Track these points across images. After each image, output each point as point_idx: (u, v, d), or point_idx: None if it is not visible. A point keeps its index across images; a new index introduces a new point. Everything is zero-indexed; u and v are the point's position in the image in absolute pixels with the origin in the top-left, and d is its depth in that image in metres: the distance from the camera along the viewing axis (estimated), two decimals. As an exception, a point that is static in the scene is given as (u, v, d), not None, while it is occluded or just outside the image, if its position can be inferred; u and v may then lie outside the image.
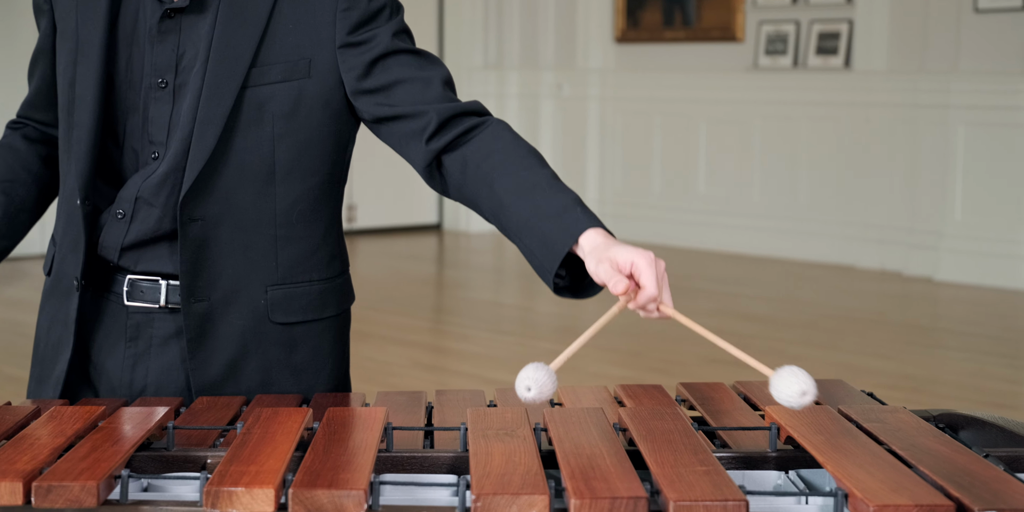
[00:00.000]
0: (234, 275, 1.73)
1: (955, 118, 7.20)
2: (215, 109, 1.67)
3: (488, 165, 1.63)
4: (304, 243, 1.77)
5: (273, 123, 1.70)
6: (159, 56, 1.71)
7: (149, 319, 1.77)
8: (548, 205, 1.55)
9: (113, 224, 1.74)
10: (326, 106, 1.73)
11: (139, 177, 1.73)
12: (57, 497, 1.24)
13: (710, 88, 8.43)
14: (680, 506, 1.21)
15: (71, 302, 1.76)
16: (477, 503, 1.22)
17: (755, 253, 8.22)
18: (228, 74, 1.67)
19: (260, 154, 1.71)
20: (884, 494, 1.21)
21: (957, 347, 5.84)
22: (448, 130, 1.68)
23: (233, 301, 1.73)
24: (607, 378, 5.19)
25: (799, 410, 1.46)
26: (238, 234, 1.72)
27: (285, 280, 1.76)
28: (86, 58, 1.71)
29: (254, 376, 1.76)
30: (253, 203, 1.72)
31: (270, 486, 1.24)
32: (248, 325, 1.74)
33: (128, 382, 1.77)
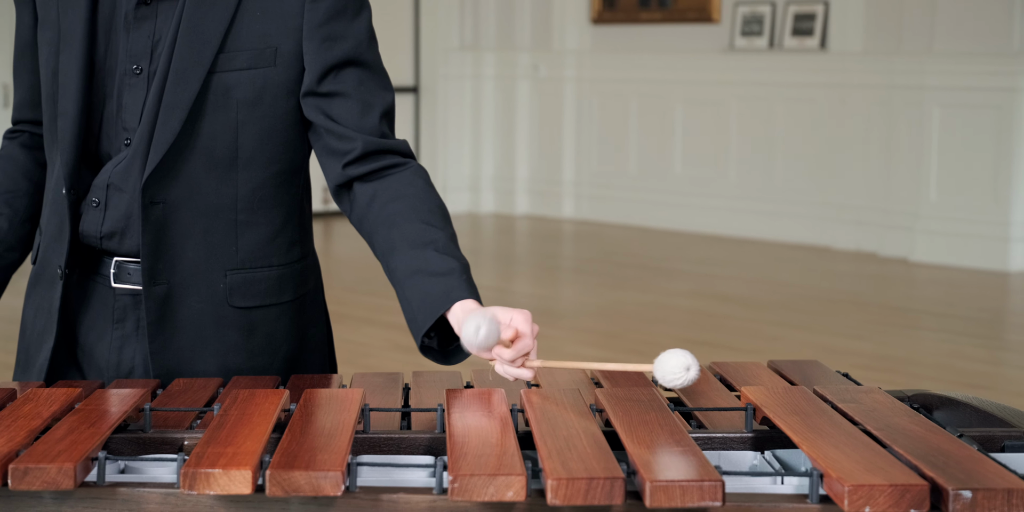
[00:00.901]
0: (194, 259, 1.73)
1: (930, 99, 7.22)
2: (181, 93, 1.68)
3: (394, 207, 1.69)
4: (264, 229, 1.77)
5: (237, 110, 1.71)
6: (135, 43, 1.71)
7: (136, 301, 1.77)
8: (437, 265, 1.63)
9: (90, 212, 1.75)
10: (290, 95, 1.73)
11: (111, 164, 1.74)
12: (34, 479, 1.23)
13: (686, 69, 8.43)
14: (656, 486, 1.22)
15: (55, 290, 1.77)
16: (454, 484, 1.23)
17: (732, 234, 8.25)
18: (195, 59, 1.68)
19: (223, 140, 1.71)
20: (859, 474, 1.22)
21: (933, 328, 5.88)
22: (368, 162, 1.73)
23: (192, 284, 1.74)
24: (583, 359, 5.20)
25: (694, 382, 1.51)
26: (199, 218, 1.73)
27: (244, 265, 1.76)
28: (69, 46, 1.71)
29: (211, 359, 1.76)
30: (215, 188, 1.73)
31: (247, 467, 1.24)
32: (207, 309, 1.75)
33: (116, 363, 1.77)
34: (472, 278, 1.63)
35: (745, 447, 1.50)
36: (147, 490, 1.28)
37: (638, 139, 8.72)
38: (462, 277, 1.61)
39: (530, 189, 9.30)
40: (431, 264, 1.62)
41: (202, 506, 1.28)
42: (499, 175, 9.42)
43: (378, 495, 1.28)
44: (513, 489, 1.23)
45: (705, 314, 6.03)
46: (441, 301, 1.59)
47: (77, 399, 1.51)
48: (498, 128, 9.38)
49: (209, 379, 1.72)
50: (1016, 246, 7.01)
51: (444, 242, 1.65)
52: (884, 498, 1.19)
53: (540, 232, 8.74)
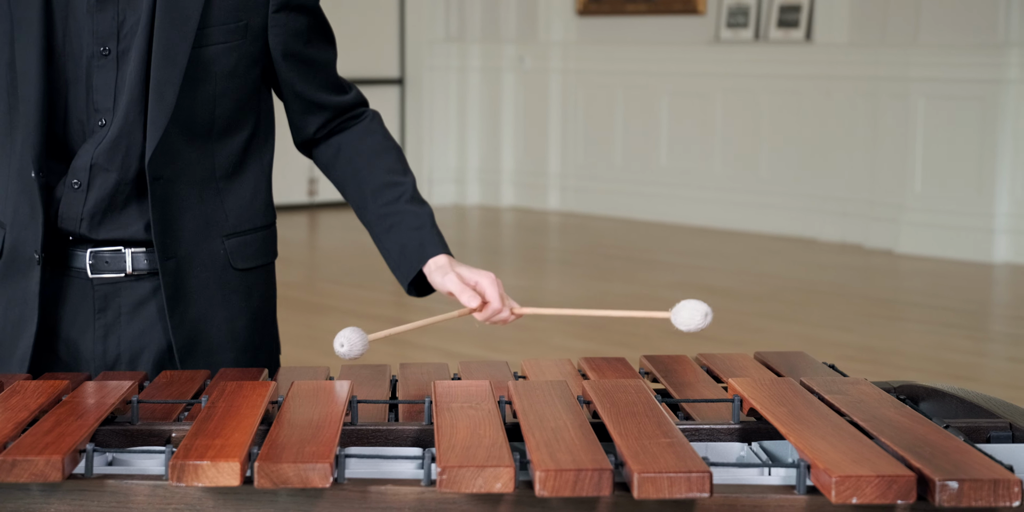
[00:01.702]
0: (195, 229, 1.79)
1: (915, 91, 7.24)
2: (170, 71, 1.72)
3: (359, 161, 1.86)
4: (243, 192, 1.84)
5: (216, 82, 1.77)
6: (100, 24, 1.73)
7: (116, 289, 1.78)
8: (410, 220, 1.82)
9: (71, 194, 1.75)
10: (257, 64, 1.81)
11: (90, 145, 1.75)
12: (22, 471, 1.23)
13: (672, 61, 8.44)
14: (644, 478, 1.22)
15: (32, 278, 1.76)
16: (443, 476, 1.23)
17: (717, 226, 8.26)
18: (179, 36, 1.72)
19: (203, 112, 1.77)
20: (846, 465, 1.23)
21: (918, 319, 5.90)
22: (334, 121, 1.88)
23: (197, 254, 1.79)
24: (569, 351, 5.21)
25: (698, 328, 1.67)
26: (191, 189, 1.78)
27: (236, 229, 1.84)
28: (24, 35, 1.72)
29: (222, 326, 1.82)
30: (198, 159, 1.79)
31: (235, 459, 1.24)
32: (213, 276, 1.81)
33: (101, 353, 1.78)
34: (438, 226, 1.82)
35: (732, 438, 1.51)
36: (135, 482, 1.28)
37: (624, 131, 8.72)
38: (432, 230, 1.81)
39: (516, 181, 9.30)
40: (404, 218, 1.81)
41: (190, 498, 1.28)
42: (485, 167, 9.42)
43: (366, 487, 1.28)
44: (501, 481, 1.23)
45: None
46: (418, 256, 1.79)
47: (64, 391, 1.50)
48: (483, 120, 9.38)
49: (196, 371, 1.72)
50: (1000, 237, 7.04)
51: (411, 192, 1.83)
52: (871, 489, 1.20)
53: (526, 224, 8.74)
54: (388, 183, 1.84)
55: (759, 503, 1.27)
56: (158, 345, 1.79)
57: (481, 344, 5.34)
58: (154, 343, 1.79)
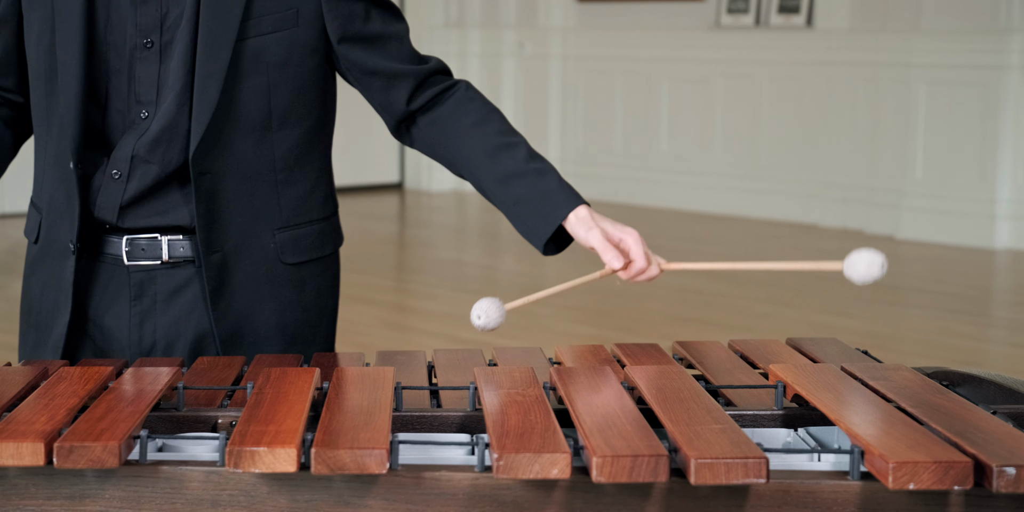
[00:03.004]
0: (243, 223, 1.77)
1: (917, 77, 7.24)
2: (214, 63, 1.70)
3: (465, 130, 1.76)
4: (301, 186, 1.81)
5: (268, 73, 1.74)
6: (143, 17, 1.72)
7: (152, 276, 1.77)
8: (533, 178, 1.71)
9: (109, 185, 1.74)
10: (314, 53, 1.77)
11: (131, 137, 1.74)
12: (79, 457, 1.23)
13: (672, 47, 8.42)
14: (701, 464, 1.22)
15: (67, 265, 1.76)
16: (499, 462, 1.23)
17: (717, 212, 8.26)
18: (222, 28, 1.70)
19: (257, 104, 1.74)
20: (902, 451, 1.23)
21: (920, 305, 5.92)
22: (424, 93, 1.79)
23: (245, 248, 1.77)
24: (574, 336, 5.22)
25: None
26: (242, 183, 1.76)
27: (289, 223, 1.81)
28: (66, 24, 1.71)
29: (270, 319, 1.80)
30: (253, 152, 1.76)
31: (292, 445, 1.24)
32: (261, 270, 1.79)
33: (137, 340, 1.78)
34: (565, 179, 1.72)
35: (775, 424, 1.51)
36: (189, 468, 1.28)
37: (624, 117, 8.71)
38: (562, 183, 1.70)
39: (515, 166, 9.28)
40: (527, 177, 1.71)
41: (244, 484, 1.28)
42: (484, 152, 9.39)
43: (420, 473, 1.28)
44: (558, 467, 1.23)
45: (694, 291, 6.05)
46: (556, 212, 1.68)
47: (109, 378, 1.50)
48: (483, 105, 9.35)
49: (233, 358, 1.71)
50: (1002, 223, 7.05)
51: (527, 149, 1.74)
52: (928, 475, 1.20)
53: (525, 209, 8.72)
54: (502, 145, 1.73)
55: (813, 489, 1.27)
56: (194, 333, 1.78)
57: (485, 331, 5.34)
58: (190, 331, 1.78)
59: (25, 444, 1.23)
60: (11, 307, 5.57)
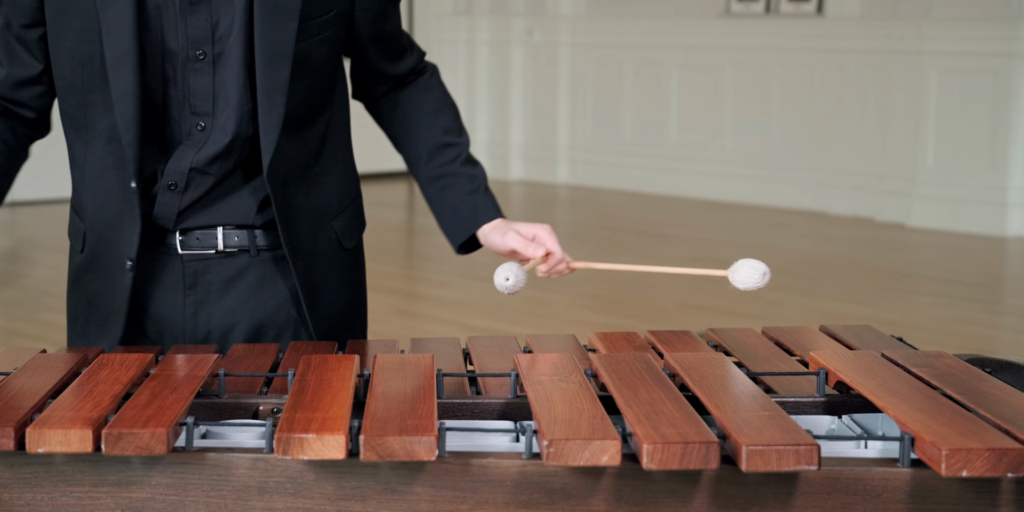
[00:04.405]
0: (310, 223, 1.78)
1: (928, 64, 7.22)
2: (276, 76, 1.68)
3: (416, 120, 1.87)
4: (338, 170, 1.84)
5: (311, 75, 1.74)
6: (194, 28, 1.68)
7: (206, 266, 1.76)
8: (464, 183, 1.84)
9: (165, 195, 1.73)
10: (342, 49, 1.80)
11: (188, 149, 1.71)
12: (127, 444, 1.23)
13: (682, 34, 8.40)
14: (752, 451, 1.21)
15: (122, 280, 1.74)
16: (549, 449, 1.22)
17: (727, 199, 8.25)
18: (280, 40, 1.68)
19: (303, 106, 1.74)
20: (954, 438, 1.22)
21: (932, 293, 5.91)
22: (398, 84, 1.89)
23: (317, 244, 1.80)
24: (587, 324, 5.21)
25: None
26: (300, 183, 1.77)
27: (339, 209, 1.84)
28: (115, 35, 1.65)
29: (347, 305, 1.86)
30: (301, 150, 1.76)
31: (340, 432, 1.23)
32: (332, 262, 1.82)
33: (192, 329, 1.77)
34: (490, 189, 1.85)
35: (818, 412, 1.50)
36: (236, 455, 1.28)
37: (633, 104, 8.69)
38: (486, 194, 1.84)
39: (524, 155, 9.28)
40: (458, 181, 1.84)
41: (291, 471, 1.27)
42: (493, 141, 9.39)
43: (468, 460, 1.28)
44: (608, 454, 1.22)
45: (704, 279, 6.03)
46: (472, 220, 1.83)
47: (150, 365, 1.49)
48: (492, 94, 9.34)
49: (268, 345, 1.71)
50: (1013, 211, 7.04)
51: (465, 154, 1.86)
52: (981, 462, 1.20)
53: (535, 198, 8.72)
54: (443, 144, 1.85)
55: (863, 476, 1.27)
56: (249, 321, 1.78)
57: (496, 317, 5.34)
58: (245, 320, 1.78)
59: (73, 431, 1.23)
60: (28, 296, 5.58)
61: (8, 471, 1.28)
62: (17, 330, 5.03)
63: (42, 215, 7.44)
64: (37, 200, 7.82)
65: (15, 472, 1.28)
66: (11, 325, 5.12)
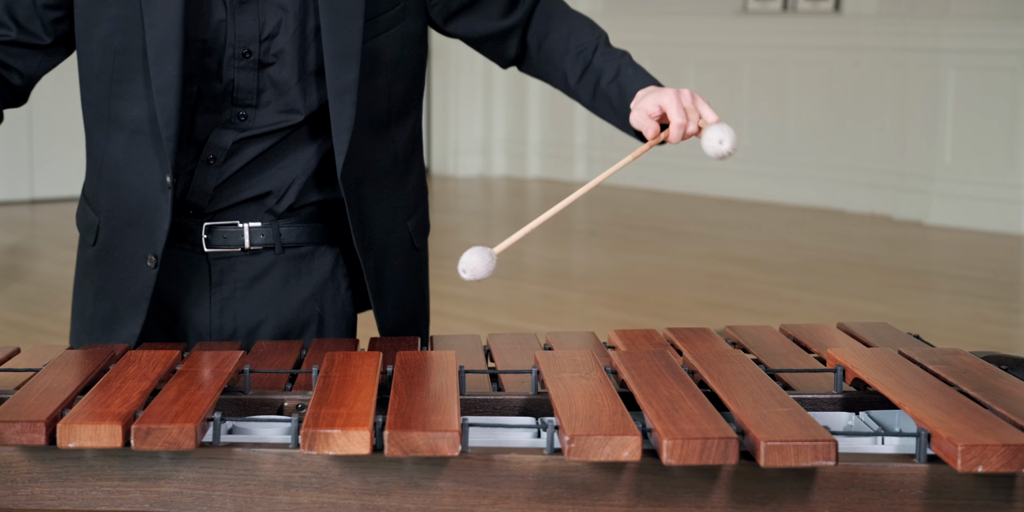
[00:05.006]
0: (385, 222, 1.79)
1: (946, 62, 7.21)
2: (346, 76, 1.67)
3: (547, 47, 1.81)
4: (416, 169, 1.85)
5: (385, 72, 1.73)
6: (242, 26, 1.68)
7: (231, 263, 1.77)
8: (607, 73, 1.76)
9: (203, 169, 1.72)
10: (420, 43, 1.78)
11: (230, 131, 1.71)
12: (156, 440, 1.25)
13: (699, 32, 8.40)
14: (771, 447, 1.23)
15: (139, 277, 1.72)
16: (571, 444, 1.24)
17: (744, 197, 8.25)
18: (348, 37, 1.67)
19: (379, 104, 1.74)
20: (970, 434, 1.24)
21: (950, 290, 5.90)
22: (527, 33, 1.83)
23: (391, 244, 1.80)
24: (604, 322, 5.22)
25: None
26: (378, 183, 1.77)
27: (414, 208, 1.84)
28: (161, 28, 1.64)
29: (416, 306, 1.87)
30: (381, 150, 1.76)
31: (365, 428, 1.25)
32: (403, 261, 1.83)
33: (218, 327, 1.78)
34: (635, 64, 1.77)
35: (835, 408, 1.52)
36: (262, 450, 1.30)
37: (649, 102, 8.68)
38: (626, 71, 1.75)
39: (542, 152, 9.29)
40: (602, 75, 1.76)
41: (316, 466, 1.30)
42: (511, 138, 9.40)
43: (490, 455, 1.30)
44: (629, 449, 1.24)
45: (721, 277, 6.05)
46: (623, 106, 1.73)
47: (176, 361, 1.52)
48: (510, 91, 9.35)
49: (291, 342, 1.73)
50: (1031, 209, 7.03)
51: (598, 47, 1.78)
52: (997, 458, 1.21)
53: (552, 195, 8.73)
54: (577, 52, 1.78)
55: (879, 472, 1.28)
56: (276, 319, 1.79)
57: (514, 315, 5.36)
58: (272, 317, 1.79)
59: (103, 426, 1.25)
60: (48, 292, 5.62)
61: (39, 465, 1.31)
62: (37, 326, 5.07)
63: (60, 212, 7.49)
64: (57, 198, 7.88)
65: (46, 467, 1.31)
66: (31, 321, 5.16)
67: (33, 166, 7.97)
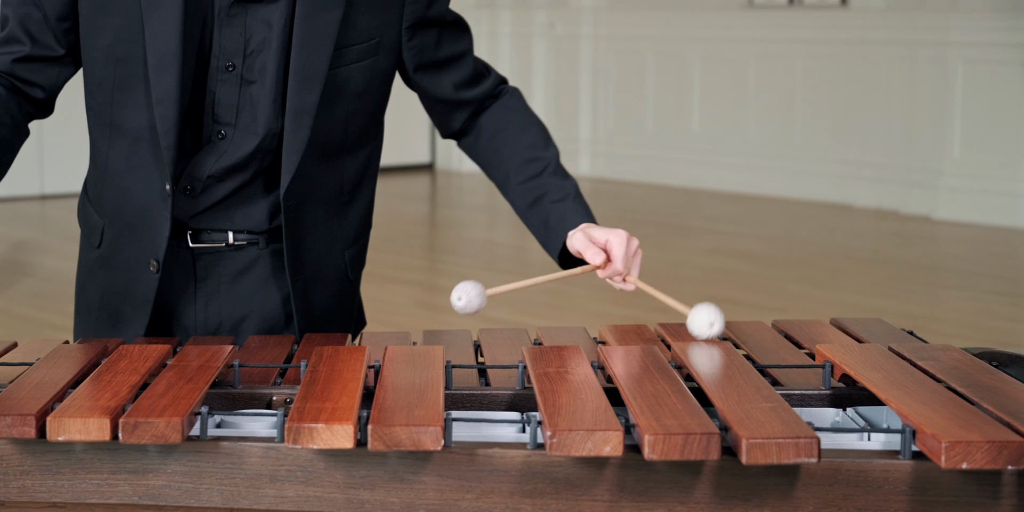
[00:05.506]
0: (321, 248, 1.81)
1: (954, 56, 7.19)
2: (306, 98, 1.69)
3: (499, 138, 1.83)
4: (363, 203, 1.86)
5: (348, 102, 1.74)
6: (227, 39, 1.69)
7: (216, 258, 1.79)
8: (553, 193, 1.78)
9: (180, 198, 1.75)
10: (387, 80, 1.80)
11: (209, 156, 1.73)
12: (143, 433, 1.26)
13: (704, 26, 8.39)
14: (752, 444, 1.23)
15: (143, 279, 1.75)
16: (552, 439, 1.25)
17: (750, 192, 8.24)
18: (315, 61, 1.68)
19: (335, 132, 1.75)
20: (954, 431, 1.24)
21: (957, 286, 5.89)
22: (477, 110, 1.87)
23: (323, 269, 1.82)
24: (607, 317, 5.23)
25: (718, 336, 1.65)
26: (319, 209, 1.78)
27: (355, 240, 1.86)
28: (161, 39, 1.65)
29: (333, 328, 1.88)
30: (328, 178, 1.78)
31: (349, 422, 1.26)
32: (334, 290, 1.85)
33: (203, 321, 1.79)
34: (582, 197, 1.80)
35: (823, 404, 1.52)
36: (248, 444, 1.31)
37: (655, 97, 8.69)
38: (576, 201, 1.78)
39: (547, 147, 9.28)
40: (548, 191, 1.78)
41: (302, 460, 1.30)
42: (516, 132, 9.39)
43: (474, 450, 1.30)
44: (610, 444, 1.24)
45: (726, 272, 6.05)
46: (560, 228, 1.76)
47: (167, 355, 1.53)
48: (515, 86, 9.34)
49: (284, 336, 1.74)
50: (1039, 204, 7.02)
51: (553, 165, 1.81)
52: (981, 454, 1.21)
53: (558, 190, 8.73)
54: (529, 159, 1.81)
55: (864, 468, 1.28)
56: (260, 312, 1.81)
57: (517, 310, 5.37)
58: (256, 311, 1.81)
59: (92, 420, 1.26)
60: (57, 288, 5.65)
61: (30, 458, 1.32)
62: (47, 321, 5.09)
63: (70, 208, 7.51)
64: (67, 193, 7.90)
65: (37, 459, 1.32)
66: (41, 316, 5.18)
67: (43, 162, 7.99)
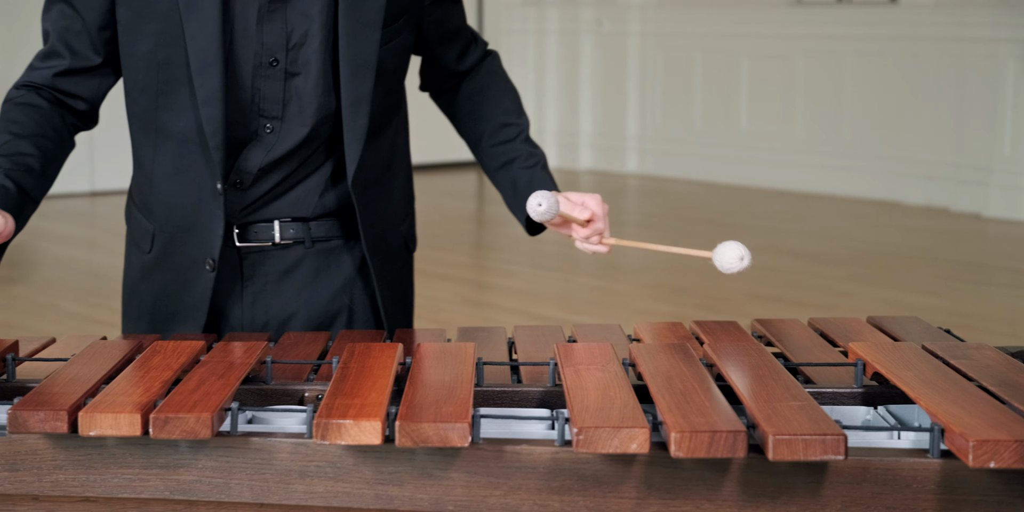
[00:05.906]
0: (385, 227, 1.85)
1: (1005, 52, 7.10)
2: (360, 86, 1.72)
3: (478, 101, 1.91)
4: (404, 175, 1.90)
5: (384, 81, 1.78)
6: (268, 35, 1.71)
7: (263, 257, 1.81)
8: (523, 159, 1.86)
9: (231, 193, 1.77)
10: (408, 54, 1.84)
11: (258, 151, 1.75)
12: (174, 428, 1.27)
13: (752, 23, 8.34)
14: (779, 440, 1.23)
15: (201, 279, 1.78)
16: (579, 436, 1.25)
17: (799, 189, 8.19)
18: (365, 49, 1.72)
19: (379, 112, 1.79)
20: (983, 430, 1.23)
21: (1008, 284, 5.82)
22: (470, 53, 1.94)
23: (391, 250, 1.87)
24: (653, 314, 5.21)
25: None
26: (379, 189, 1.82)
27: (404, 215, 1.90)
28: (202, 41, 1.67)
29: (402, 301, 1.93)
30: (380, 155, 1.82)
31: (377, 419, 1.27)
32: (401, 265, 1.90)
33: (250, 320, 1.82)
34: (548, 169, 1.88)
35: (855, 402, 1.51)
36: (277, 440, 1.32)
37: (703, 94, 8.65)
38: (543, 171, 1.86)
39: (593, 144, 9.28)
40: (518, 156, 1.86)
41: (331, 456, 1.32)
42: (562, 130, 9.40)
43: (501, 447, 1.31)
44: (637, 441, 1.25)
45: (774, 270, 6.01)
46: (528, 192, 1.81)
47: (200, 352, 1.54)
48: (561, 83, 9.35)
49: (318, 333, 1.75)
50: (1091, 201, 6.91)
51: (525, 133, 1.89)
52: (1009, 454, 1.20)
53: (604, 187, 8.72)
54: (504, 123, 1.88)
55: (892, 466, 1.28)
56: (307, 311, 1.83)
57: (563, 307, 5.37)
58: (303, 309, 1.82)
59: (123, 415, 1.28)
60: (106, 284, 5.71)
61: (63, 453, 1.34)
62: (96, 317, 5.16)
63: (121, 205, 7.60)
64: (118, 190, 8.00)
65: (70, 454, 1.34)
66: (89, 312, 5.25)
67: (94, 158, 8.09)
